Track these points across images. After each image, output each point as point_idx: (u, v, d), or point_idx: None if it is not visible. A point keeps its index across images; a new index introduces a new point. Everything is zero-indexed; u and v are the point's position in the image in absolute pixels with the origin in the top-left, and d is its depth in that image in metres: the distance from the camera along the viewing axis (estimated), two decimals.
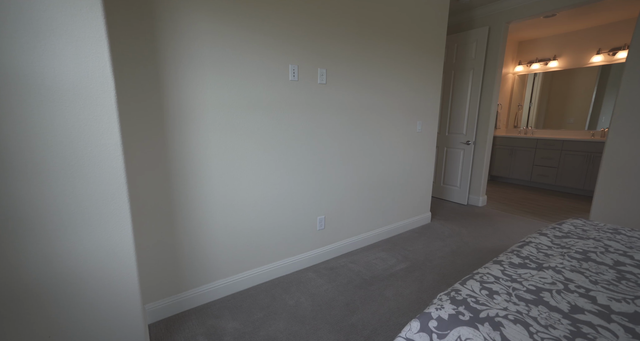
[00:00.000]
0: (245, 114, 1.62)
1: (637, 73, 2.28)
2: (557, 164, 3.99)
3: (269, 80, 1.67)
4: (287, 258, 1.95)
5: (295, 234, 1.96)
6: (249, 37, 1.55)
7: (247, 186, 1.69)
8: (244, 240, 1.73)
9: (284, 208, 1.88)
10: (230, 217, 1.66)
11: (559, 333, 0.83)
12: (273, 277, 1.89)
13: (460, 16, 3.39)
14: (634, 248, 1.32)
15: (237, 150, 1.62)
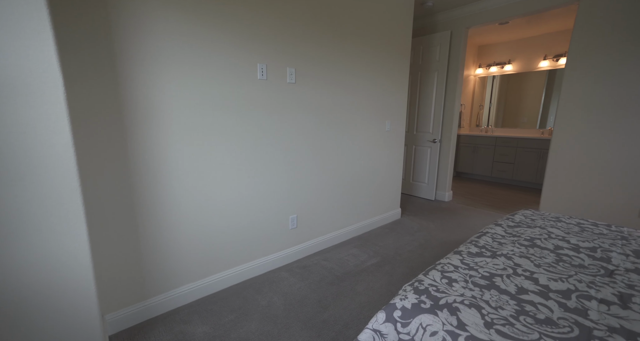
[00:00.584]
0: (213, 113, 1.58)
1: (574, 77, 2.53)
2: (514, 160, 4.31)
3: (237, 79, 1.65)
4: (260, 259, 1.93)
5: (267, 234, 1.95)
6: (216, 36, 1.52)
7: (217, 186, 1.66)
8: (214, 242, 1.70)
9: (256, 208, 1.86)
10: (199, 219, 1.61)
11: (506, 312, 0.91)
12: (245, 278, 1.86)
13: (425, 20, 3.54)
14: (571, 233, 1.47)
15: (205, 150, 1.58)
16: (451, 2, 3.07)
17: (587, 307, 0.92)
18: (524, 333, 0.83)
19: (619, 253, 1.26)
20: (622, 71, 2.30)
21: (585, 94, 2.49)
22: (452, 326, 0.87)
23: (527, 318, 0.89)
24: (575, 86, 2.53)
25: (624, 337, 0.79)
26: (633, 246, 1.33)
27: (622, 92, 2.32)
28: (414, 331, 0.91)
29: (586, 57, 2.46)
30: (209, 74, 1.54)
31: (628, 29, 2.25)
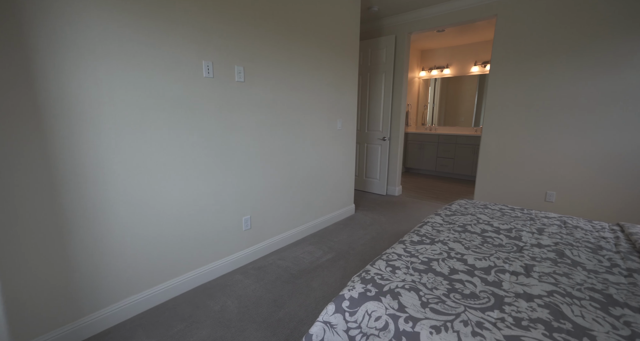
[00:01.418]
0: (156, 113, 1.48)
1: (496, 82, 2.88)
2: (454, 155, 4.76)
3: (181, 76, 1.56)
4: (212, 263, 1.86)
5: (219, 236, 1.89)
6: (155, 29, 1.42)
7: (161, 190, 1.56)
8: (160, 249, 1.59)
9: (206, 211, 1.79)
10: (141, 226, 1.50)
11: (439, 292, 1.01)
12: (197, 284, 1.78)
13: (372, 24, 3.72)
14: (494, 218, 1.69)
15: (147, 152, 1.47)
16: (394, 8, 3.28)
17: (502, 279, 1.07)
18: (453, 307, 0.93)
19: (527, 232, 1.48)
20: (531, 77, 2.68)
21: (505, 96, 2.85)
22: (393, 310, 0.94)
23: (456, 294, 1.00)
24: (497, 90, 2.89)
25: (525, 300, 0.94)
26: (537, 225, 1.58)
27: (532, 95, 2.70)
28: (360, 319, 0.97)
29: (505, 64, 2.81)
30: (149, 70, 1.44)
31: (535, 41, 2.63)
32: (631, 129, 2.31)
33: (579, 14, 2.41)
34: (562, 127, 2.59)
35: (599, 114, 2.42)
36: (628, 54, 2.25)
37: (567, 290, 1.01)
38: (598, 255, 1.25)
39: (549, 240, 1.40)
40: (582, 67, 2.44)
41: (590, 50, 2.39)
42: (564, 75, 2.53)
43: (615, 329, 0.82)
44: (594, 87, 2.41)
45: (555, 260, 1.22)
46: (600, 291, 0.99)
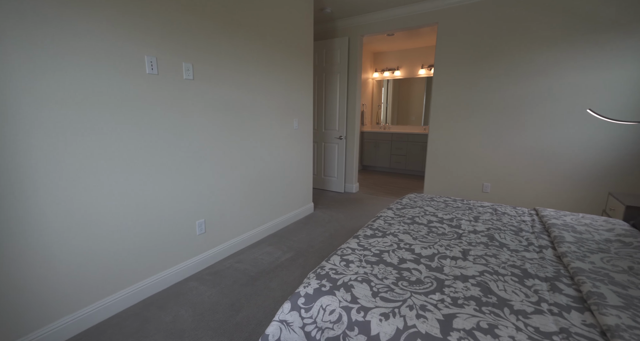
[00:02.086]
0: (94, 111, 1.34)
1: (439, 84, 3.14)
2: (406, 153, 5.06)
3: (121, 71, 1.43)
4: (163, 271, 1.75)
5: (171, 243, 1.78)
6: (88, 19, 1.28)
7: (104, 197, 1.42)
8: (102, 261, 1.45)
9: (154, 217, 1.67)
10: (79, 236, 1.35)
11: (389, 281, 1.08)
12: (146, 296, 1.66)
13: (326, 25, 3.79)
14: (439, 209, 1.85)
15: (82, 157, 1.33)
16: (347, 11, 3.37)
17: (443, 265, 1.18)
18: (400, 294, 1.00)
19: (466, 220, 1.65)
20: (469, 80, 2.97)
21: (447, 97, 3.12)
22: (346, 302, 0.98)
23: (403, 282, 1.08)
24: (441, 91, 3.15)
25: (461, 281, 1.05)
26: (474, 213, 1.76)
27: (470, 96, 2.99)
28: (315, 314, 1.00)
29: (446, 68, 3.08)
30: (81, 63, 1.29)
31: (471, 48, 2.91)
32: (551, 127, 2.68)
33: (508, 27, 2.72)
34: (496, 125, 2.91)
35: (526, 113, 2.77)
36: (550, 63, 2.61)
37: (495, 269, 1.14)
38: (519, 236, 1.43)
39: (482, 226, 1.58)
40: (510, 73, 2.77)
41: (518, 59, 2.72)
42: (496, 79, 2.84)
43: (528, 297, 0.95)
44: (522, 90, 2.75)
45: (487, 244, 1.37)
46: (518, 267, 1.15)
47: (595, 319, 0.85)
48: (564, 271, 1.12)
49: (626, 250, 1.21)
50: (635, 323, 0.79)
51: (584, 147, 2.56)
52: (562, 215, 1.67)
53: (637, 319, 0.81)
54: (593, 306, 0.87)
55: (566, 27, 2.48)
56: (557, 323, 0.84)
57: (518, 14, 2.65)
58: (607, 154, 2.48)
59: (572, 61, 2.50)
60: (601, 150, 2.50)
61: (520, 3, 2.63)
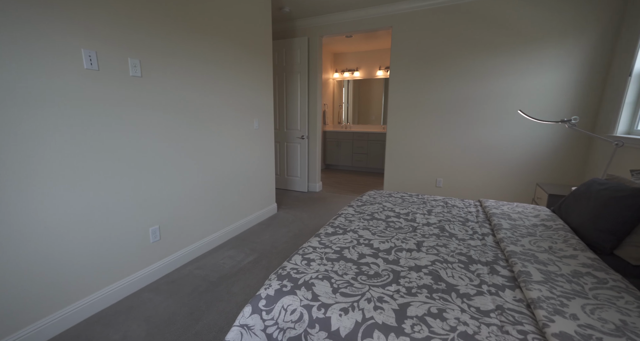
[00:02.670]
0: (24, 110, 1.17)
1: (394, 85, 3.31)
2: (367, 151, 5.24)
3: (53, 66, 1.28)
4: (112, 285, 1.61)
5: (121, 253, 1.64)
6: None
7: (37, 206, 1.25)
8: (32, 279, 1.29)
9: (99, 226, 1.52)
10: (6, 252, 1.18)
11: (349, 276, 1.12)
12: (92, 313, 1.51)
13: (286, 24, 3.76)
14: (396, 204, 1.95)
15: (11, 162, 1.16)
16: (305, 11, 3.39)
17: (399, 257, 1.25)
18: (359, 288, 1.04)
19: (420, 214, 1.76)
20: (422, 81, 3.16)
21: (402, 98, 3.29)
22: (307, 300, 0.99)
23: (362, 276, 1.12)
24: (396, 92, 3.31)
25: (415, 271, 1.12)
26: (428, 207, 1.89)
27: (423, 97, 3.19)
28: (277, 315, 0.99)
29: (401, 70, 3.24)
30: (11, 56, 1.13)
31: (423, 51, 3.10)
32: (493, 126, 2.96)
33: (455, 34, 2.94)
34: (447, 124, 3.14)
35: (473, 113, 3.02)
36: (490, 69, 2.87)
37: (445, 258, 1.24)
38: (465, 226, 1.57)
39: (435, 219, 1.69)
40: (458, 76, 3.00)
41: (464, 63, 2.96)
42: (446, 81, 3.06)
43: (471, 281, 1.05)
44: (468, 92, 2.99)
45: (438, 235, 1.48)
46: (465, 254, 1.26)
47: (523, 294, 0.96)
48: (501, 255, 1.26)
49: (548, 232, 1.39)
50: (551, 294, 0.92)
51: (517, 144, 2.87)
52: (501, 205, 1.87)
53: (553, 291, 0.93)
54: (522, 283, 0.99)
55: (501, 39, 2.76)
56: (494, 302, 0.94)
57: (463, 24, 2.88)
58: (535, 150, 2.81)
59: (507, 67, 2.78)
60: (531, 146, 2.82)
61: (463, 14, 2.86)
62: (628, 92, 2.16)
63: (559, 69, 2.61)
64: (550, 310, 0.85)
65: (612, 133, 2.27)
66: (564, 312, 0.84)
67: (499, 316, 0.88)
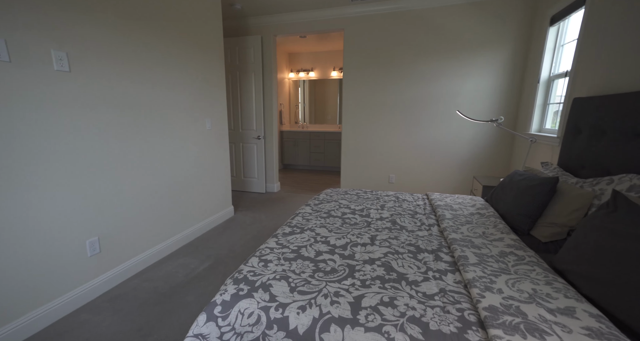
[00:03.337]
0: None
1: (348, 86, 3.42)
2: (324, 150, 5.33)
3: None
4: (38, 309, 1.41)
5: (49, 270, 1.44)
6: None
7: None
8: None
9: (24, 241, 1.32)
10: None
11: (306, 274, 1.13)
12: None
13: (237, 22, 3.65)
14: (352, 201, 2.02)
15: None
16: (258, 9, 3.32)
17: (355, 252, 1.30)
18: (316, 285, 1.06)
19: (374, 209, 1.85)
20: (373, 83, 3.32)
21: (355, 98, 3.42)
22: (265, 302, 0.99)
23: (320, 273, 1.15)
24: (350, 93, 3.43)
25: (369, 264, 1.18)
26: (381, 202, 2.00)
27: (373, 97, 3.35)
28: (234, 320, 0.97)
29: (353, 71, 3.36)
30: None
31: (373, 54, 3.25)
32: (437, 124, 3.21)
33: (403, 39, 3.13)
34: (397, 123, 3.33)
35: (420, 113, 3.24)
36: (434, 72, 3.11)
37: (396, 249, 1.32)
38: (414, 218, 1.69)
39: (387, 213, 1.80)
40: (406, 78, 3.20)
41: (412, 66, 3.16)
42: (396, 82, 3.25)
43: (419, 269, 1.14)
44: (416, 93, 3.21)
45: (390, 228, 1.57)
46: (413, 244, 1.36)
47: (462, 276, 1.07)
48: (444, 243, 1.38)
49: (482, 220, 1.57)
50: (483, 273, 1.04)
51: (459, 141, 3.17)
52: (445, 197, 2.05)
53: (485, 270, 1.06)
54: (460, 266, 1.11)
55: (443, 45, 3.02)
56: (438, 285, 1.03)
57: (411, 30, 3.08)
58: (473, 146, 3.14)
59: (449, 71, 3.05)
60: (469, 143, 3.14)
61: (411, 21, 3.06)
62: (537, 97, 2.53)
63: (490, 74, 2.94)
64: (482, 288, 0.96)
65: (528, 131, 2.63)
66: (492, 288, 0.96)
67: (442, 298, 0.97)
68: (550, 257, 1.20)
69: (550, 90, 2.46)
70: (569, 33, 2.27)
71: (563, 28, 2.32)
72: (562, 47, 2.34)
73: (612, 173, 1.40)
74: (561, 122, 2.09)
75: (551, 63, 2.43)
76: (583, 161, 1.67)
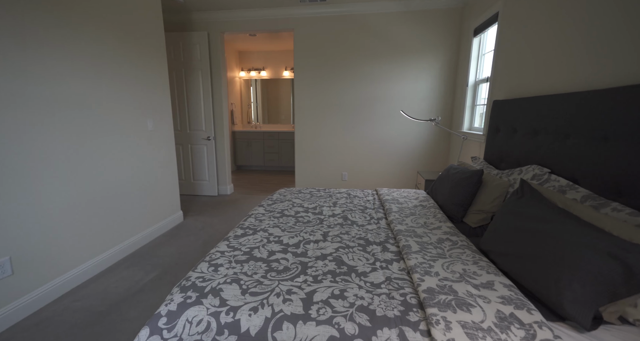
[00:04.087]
0: None
1: (300, 86, 3.45)
2: (278, 150, 5.28)
3: None
4: None
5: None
6: None
7: None
8: None
9: None
10: None
11: (258, 275, 1.12)
12: None
13: (181, 16, 3.43)
14: (305, 200, 2.05)
15: None
16: (202, 4, 3.16)
17: (307, 249, 1.33)
18: (269, 285, 1.06)
19: (327, 207, 1.90)
20: (323, 83, 3.39)
21: (307, 98, 3.46)
22: (215, 307, 0.96)
23: (272, 273, 1.14)
24: (302, 92, 3.46)
25: (321, 260, 1.22)
26: (333, 199, 2.06)
27: (325, 97, 3.43)
28: (181, 330, 0.92)
29: (304, 71, 3.40)
30: None
31: (321, 54, 3.32)
32: (385, 123, 3.40)
33: (352, 41, 3.25)
34: (349, 122, 3.45)
35: (370, 112, 3.39)
36: (382, 74, 3.28)
37: (347, 243, 1.38)
38: (364, 213, 1.78)
39: (339, 210, 1.86)
40: (357, 79, 3.33)
41: (361, 68, 3.29)
42: (347, 83, 3.35)
43: (368, 260, 1.21)
44: (366, 93, 3.35)
45: (342, 224, 1.63)
46: (363, 238, 1.43)
47: (405, 264, 1.17)
48: (391, 234, 1.48)
49: (424, 211, 1.72)
50: (424, 260, 1.14)
51: (405, 138, 3.40)
52: (392, 191, 2.19)
53: (425, 257, 1.17)
54: (404, 255, 1.20)
55: (387, 49, 3.21)
56: (384, 274, 1.11)
57: (359, 33, 3.21)
58: (417, 143, 3.40)
59: (394, 73, 3.25)
60: (414, 140, 3.39)
61: (358, 25, 3.19)
62: (467, 99, 2.84)
63: (428, 77, 3.21)
64: (422, 272, 1.06)
65: (461, 129, 2.94)
66: (430, 272, 1.06)
67: (388, 285, 1.04)
68: (478, 240, 1.36)
69: (477, 93, 2.78)
70: (488, 44, 2.59)
71: (484, 39, 2.64)
72: (484, 56, 2.66)
73: (521, 165, 1.65)
74: (485, 121, 2.38)
75: (476, 69, 2.75)
76: (502, 155, 1.93)
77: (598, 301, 0.77)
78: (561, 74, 1.51)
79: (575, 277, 0.79)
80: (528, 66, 1.79)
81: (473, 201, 1.60)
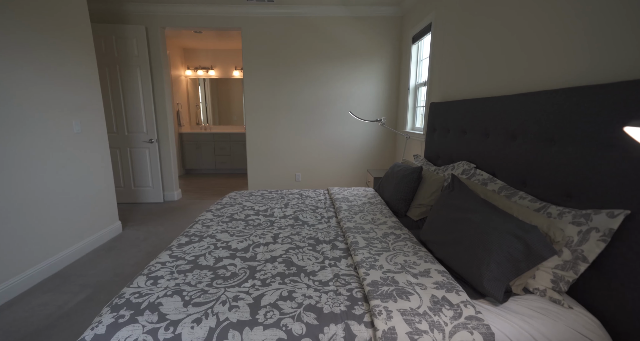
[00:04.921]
0: None
1: (250, 86, 3.36)
2: (230, 152, 5.09)
3: None
4: None
5: None
6: None
7: None
8: None
9: None
10: None
11: (203, 284, 1.06)
12: None
13: (113, 7, 3.11)
14: (256, 202, 2.01)
15: None
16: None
17: (257, 253, 1.30)
18: (214, 293, 1.01)
19: (278, 208, 1.89)
20: (274, 84, 3.36)
21: (258, 98, 3.39)
22: (152, 324, 0.88)
23: (219, 280, 1.09)
24: (252, 93, 3.38)
25: (270, 263, 1.20)
26: (285, 201, 2.05)
27: (276, 98, 3.40)
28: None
29: (254, 72, 3.32)
30: None
31: (271, 55, 3.29)
32: (336, 124, 3.48)
33: (302, 43, 3.26)
34: (301, 123, 3.46)
35: (322, 113, 3.44)
36: (333, 76, 3.34)
37: (297, 244, 1.38)
38: (315, 213, 1.81)
39: (290, 211, 1.85)
40: (308, 80, 3.35)
41: (313, 69, 3.32)
42: (298, 84, 3.36)
43: (317, 259, 1.23)
44: (318, 95, 3.38)
45: (293, 225, 1.63)
46: (313, 237, 1.44)
47: (353, 260, 1.21)
48: (340, 232, 1.52)
49: (371, 208, 1.80)
50: (370, 254, 1.20)
51: (355, 138, 3.53)
52: (343, 190, 2.25)
53: (371, 251, 1.22)
54: (352, 251, 1.24)
55: (335, 52, 3.29)
56: (333, 272, 1.13)
57: (309, 36, 3.24)
58: (366, 143, 3.55)
59: (344, 75, 3.35)
60: (363, 140, 3.53)
61: (308, 27, 3.22)
62: (409, 101, 3.06)
63: (375, 80, 3.38)
64: (367, 267, 1.10)
65: (404, 129, 3.16)
66: (375, 265, 1.11)
67: (335, 282, 1.06)
68: (419, 232, 1.47)
69: (417, 96, 3.01)
70: (424, 51, 2.82)
71: (421, 46, 2.87)
72: (422, 62, 2.89)
73: (454, 161, 1.83)
74: (424, 122, 2.58)
75: (416, 74, 2.98)
76: (439, 152, 2.11)
77: (509, 277, 0.89)
78: (483, 80, 1.71)
79: (493, 258, 0.90)
80: (459, 71, 1.99)
81: (414, 196, 1.73)
